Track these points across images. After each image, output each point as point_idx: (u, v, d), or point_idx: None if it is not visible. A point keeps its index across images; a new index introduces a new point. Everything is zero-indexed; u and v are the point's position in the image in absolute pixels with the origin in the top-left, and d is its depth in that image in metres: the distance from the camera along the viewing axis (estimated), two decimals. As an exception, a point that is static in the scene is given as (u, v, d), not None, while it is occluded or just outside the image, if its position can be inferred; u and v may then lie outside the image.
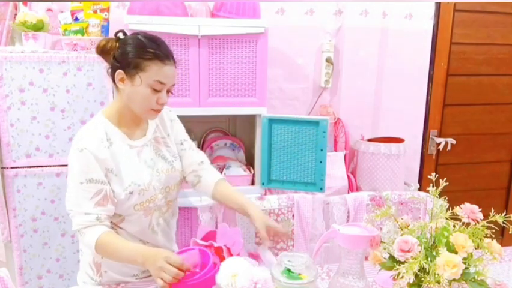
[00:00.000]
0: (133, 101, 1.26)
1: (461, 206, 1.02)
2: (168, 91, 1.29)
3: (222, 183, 1.47)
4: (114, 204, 1.25)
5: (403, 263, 0.94)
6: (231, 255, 1.25)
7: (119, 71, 1.24)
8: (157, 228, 1.37)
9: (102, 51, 1.28)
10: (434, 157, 2.84)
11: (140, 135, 1.35)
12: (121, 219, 1.31)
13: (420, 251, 0.95)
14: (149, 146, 1.36)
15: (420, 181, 2.82)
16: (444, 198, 1.04)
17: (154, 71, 1.23)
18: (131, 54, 1.23)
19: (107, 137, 1.27)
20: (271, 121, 2.07)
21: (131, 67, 1.23)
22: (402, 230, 1.05)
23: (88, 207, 1.21)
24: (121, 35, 1.28)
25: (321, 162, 2.04)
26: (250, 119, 2.21)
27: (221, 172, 2.12)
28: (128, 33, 1.30)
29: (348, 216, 1.71)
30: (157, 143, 1.39)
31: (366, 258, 1.09)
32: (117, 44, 1.26)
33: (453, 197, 1.04)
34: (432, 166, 2.85)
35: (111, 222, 1.27)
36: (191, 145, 1.50)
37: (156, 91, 1.24)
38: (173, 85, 1.30)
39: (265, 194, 2.09)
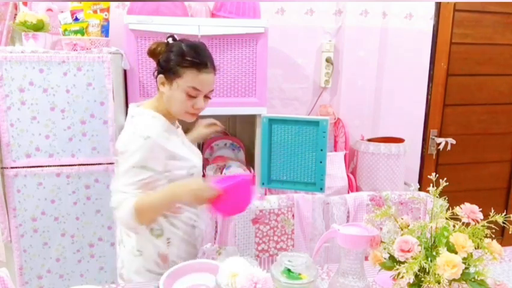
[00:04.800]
0: (170, 104, 1.35)
1: (461, 206, 1.02)
2: (206, 96, 1.37)
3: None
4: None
5: (403, 263, 0.94)
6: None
7: (161, 75, 1.34)
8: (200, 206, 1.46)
9: (152, 54, 1.37)
10: (434, 157, 2.84)
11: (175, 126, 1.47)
12: None
13: (420, 251, 0.95)
14: (182, 136, 1.50)
15: (420, 181, 2.82)
16: (444, 198, 1.04)
17: (190, 78, 1.31)
18: (172, 61, 1.32)
19: (166, 127, 1.37)
20: (271, 121, 2.07)
21: (170, 73, 1.32)
22: (402, 230, 1.05)
23: (129, 188, 1.27)
24: (170, 40, 1.36)
25: (321, 162, 2.04)
26: (250, 119, 2.21)
27: (221, 172, 2.12)
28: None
29: (348, 216, 1.71)
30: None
31: (366, 258, 1.09)
32: (164, 49, 1.35)
33: (453, 197, 1.04)
34: (432, 166, 2.85)
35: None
36: None
37: (191, 97, 1.33)
38: (211, 91, 1.38)
39: (265, 194, 2.09)
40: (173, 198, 1.29)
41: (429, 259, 0.95)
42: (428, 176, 1.05)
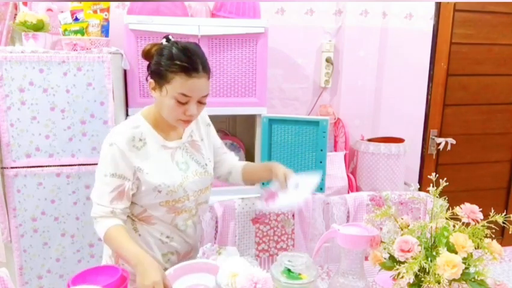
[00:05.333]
0: (162, 110, 1.28)
1: (461, 206, 1.02)
2: (200, 102, 1.27)
3: (245, 165, 1.54)
4: (129, 200, 1.29)
5: (403, 263, 0.94)
6: None
7: (151, 80, 1.27)
8: (183, 227, 1.39)
9: (146, 56, 1.29)
10: (434, 157, 2.84)
11: (176, 137, 1.36)
12: (143, 210, 1.33)
13: (420, 251, 0.95)
14: (183, 149, 1.37)
15: (420, 181, 2.82)
16: (444, 198, 1.04)
17: (179, 83, 1.21)
18: (161, 65, 1.23)
19: (141, 137, 1.29)
20: (271, 121, 2.07)
21: (159, 77, 1.24)
22: (402, 230, 1.05)
23: (105, 200, 1.25)
24: (164, 42, 1.28)
25: (321, 162, 2.04)
26: (250, 119, 2.21)
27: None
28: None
29: (348, 216, 1.71)
30: (192, 147, 1.40)
31: (366, 258, 1.09)
32: (157, 51, 1.27)
33: (453, 197, 1.04)
34: (432, 166, 2.85)
35: (132, 215, 1.33)
36: (224, 147, 1.56)
37: (181, 103, 1.23)
38: (205, 96, 1.27)
39: (265, 194, 2.09)
40: (130, 261, 1.19)
41: (429, 259, 0.95)
42: (428, 176, 1.05)
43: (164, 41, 1.28)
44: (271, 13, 2.38)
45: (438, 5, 2.61)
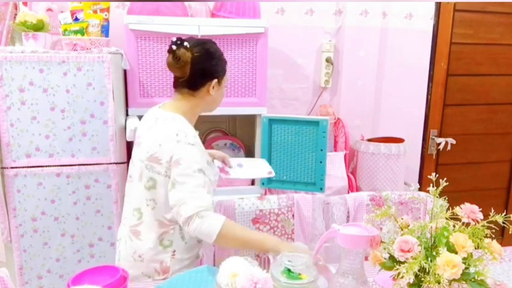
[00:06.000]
0: (216, 103, 1.46)
1: (461, 206, 1.02)
2: None
3: None
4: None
5: (403, 263, 0.94)
6: None
7: (214, 80, 1.39)
8: None
9: (181, 63, 1.34)
10: (434, 157, 2.84)
11: None
12: None
13: (420, 251, 0.95)
14: None
15: (420, 181, 2.82)
16: (444, 198, 1.04)
17: (226, 71, 1.45)
18: (218, 64, 1.40)
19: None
20: (271, 121, 2.07)
21: (220, 74, 1.41)
22: (402, 230, 1.05)
23: (202, 193, 1.27)
24: (186, 44, 1.34)
25: (321, 162, 2.04)
26: (250, 119, 2.21)
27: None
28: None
29: (348, 216, 1.71)
30: None
31: (366, 258, 1.09)
32: (192, 56, 1.34)
33: (453, 197, 1.04)
34: (432, 166, 2.85)
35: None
36: None
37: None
38: None
39: (265, 194, 2.09)
40: (267, 243, 1.28)
41: (429, 259, 0.94)
42: (428, 176, 1.05)
43: (185, 44, 1.34)
44: (271, 13, 2.38)
45: (438, 5, 2.61)
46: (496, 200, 3.03)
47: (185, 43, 1.34)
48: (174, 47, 1.34)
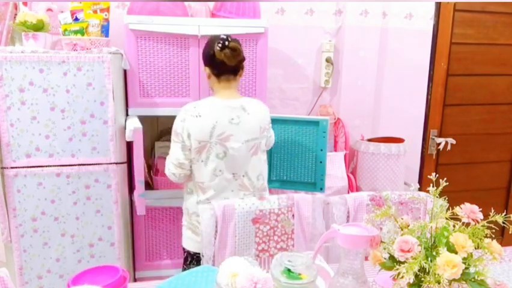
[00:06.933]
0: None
1: (461, 206, 1.02)
2: None
3: None
4: None
5: (403, 263, 0.94)
6: None
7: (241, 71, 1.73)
8: None
9: (242, 56, 1.68)
10: (434, 157, 2.84)
11: None
12: None
13: (420, 251, 0.95)
14: None
15: (420, 181, 2.82)
16: (444, 198, 1.04)
17: None
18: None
19: None
20: (271, 121, 2.07)
21: None
22: (402, 230, 1.05)
23: None
24: (228, 42, 1.64)
25: (321, 162, 2.04)
26: (250, 119, 2.21)
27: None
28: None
29: (348, 216, 1.71)
30: None
31: (366, 258, 1.08)
32: (240, 46, 1.68)
33: (453, 197, 1.04)
34: (432, 166, 2.85)
35: None
36: None
37: None
38: None
39: (265, 194, 2.09)
40: None
41: (429, 259, 0.94)
42: (428, 176, 1.05)
43: (229, 38, 1.64)
44: (271, 13, 2.38)
45: (438, 5, 2.61)
46: (496, 200, 3.03)
47: (229, 38, 1.64)
48: (226, 43, 1.61)
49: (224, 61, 1.62)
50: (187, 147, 1.65)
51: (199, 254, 1.73)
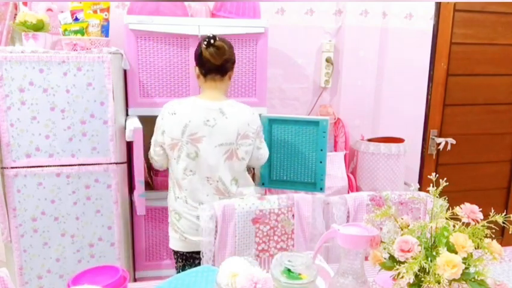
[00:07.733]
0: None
1: (461, 206, 1.02)
2: None
3: None
4: None
5: (403, 263, 0.94)
6: None
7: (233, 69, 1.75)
8: None
9: (219, 52, 1.66)
10: (434, 157, 2.84)
11: None
12: None
13: (420, 251, 0.95)
14: None
15: (420, 181, 2.82)
16: (444, 198, 1.04)
17: None
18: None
19: None
20: (271, 121, 2.07)
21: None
22: (402, 230, 1.05)
23: None
24: (214, 40, 1.66)
25: (321, 162, 2.04)
26: (250, 119, 2.21)
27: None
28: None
29: (348, 216, 1.71)
30: None
31: (366, 258, 1.08)
32: (227, 46, 1.71)
33: (453, 197, 1.04)
34: (432, 166, 2.85)
35: None
36: None
37: None
38: None
39: (265, 194, 2.09)
40: None
41: (429, 259, 0.94)
42: (428, 176, 1.05)
43: (217, 37, 1.67)
44: (271, 13, 2.38)
45: (438, 5, 2.61)
46: (496, 200, 3.03)
47: (217, 37, 1.64)
48: (212, 41, 1.63)
49: (209, 59, 1.64)
50: (159, 143, 1.72)
51: (183, 252, 1.78)
